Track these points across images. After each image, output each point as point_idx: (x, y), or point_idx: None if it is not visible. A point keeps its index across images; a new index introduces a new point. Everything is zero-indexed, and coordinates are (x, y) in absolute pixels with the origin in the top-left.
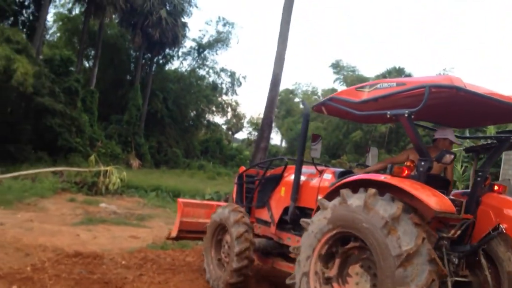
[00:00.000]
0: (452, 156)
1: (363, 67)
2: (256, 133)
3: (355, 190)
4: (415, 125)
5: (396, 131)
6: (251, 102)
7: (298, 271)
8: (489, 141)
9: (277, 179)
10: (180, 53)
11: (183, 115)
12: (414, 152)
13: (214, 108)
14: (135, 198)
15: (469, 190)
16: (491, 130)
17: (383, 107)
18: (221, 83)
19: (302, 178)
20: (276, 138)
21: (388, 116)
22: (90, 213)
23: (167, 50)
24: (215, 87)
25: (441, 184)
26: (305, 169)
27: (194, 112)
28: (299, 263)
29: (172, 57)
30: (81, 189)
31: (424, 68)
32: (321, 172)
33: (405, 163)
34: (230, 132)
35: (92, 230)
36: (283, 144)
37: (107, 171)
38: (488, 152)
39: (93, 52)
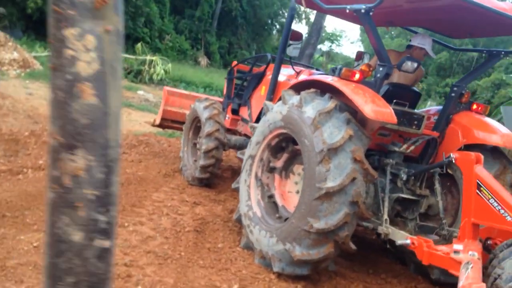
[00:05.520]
0: (415, 65)
1: None
2: (330, 45)
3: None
4: (407, 29)
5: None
6: None
7: (247, 151)
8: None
9: (259, 77)
10: None
11: (257, 17)
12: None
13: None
14: None
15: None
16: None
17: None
18: None
19: (282, 78)
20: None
21: (347, 11)
22: (123, 97)
23: None
24: None
25: (409, 96)
26: (288, 69)
27: (269, 15)
28: (250, 144)
29: None
30: (127, 76)
31: None
32: (298, 73)
33: (360, 67)
34: None
35: None
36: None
37: (152, 60)
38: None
39: None
